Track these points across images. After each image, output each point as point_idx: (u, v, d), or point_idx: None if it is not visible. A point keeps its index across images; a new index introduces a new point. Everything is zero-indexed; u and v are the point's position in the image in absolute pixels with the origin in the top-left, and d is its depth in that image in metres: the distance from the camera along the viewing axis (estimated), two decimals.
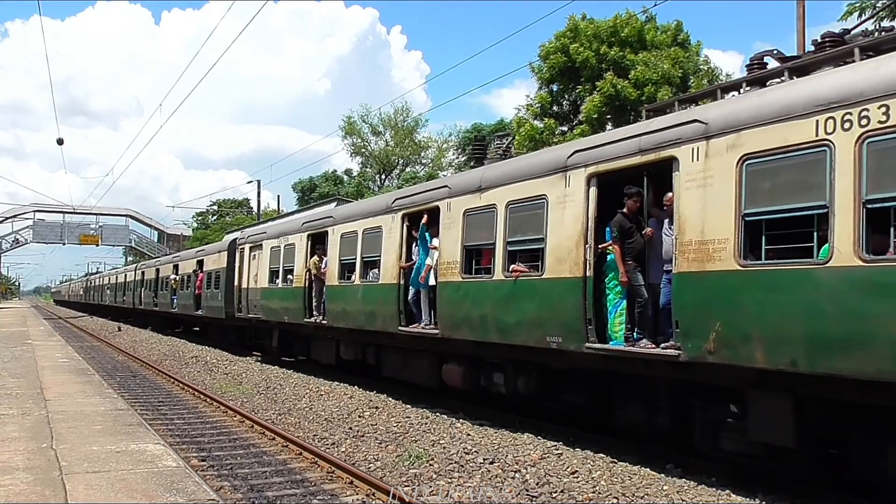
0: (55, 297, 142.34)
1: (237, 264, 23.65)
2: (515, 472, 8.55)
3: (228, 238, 29.24)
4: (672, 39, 28.03)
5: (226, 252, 25.61)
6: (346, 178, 63.86)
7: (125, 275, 50.29)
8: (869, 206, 6.25)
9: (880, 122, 6.21)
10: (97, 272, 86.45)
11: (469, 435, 10.54)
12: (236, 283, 23.45)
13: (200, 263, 29.56)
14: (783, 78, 7.91)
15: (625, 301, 9.01)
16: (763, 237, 7.15)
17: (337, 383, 16.12)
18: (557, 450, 9.57)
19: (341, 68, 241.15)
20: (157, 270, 38.68)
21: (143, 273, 43.00)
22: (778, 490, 7.62)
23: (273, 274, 20.15)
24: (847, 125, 6.42)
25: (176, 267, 34.03)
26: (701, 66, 27.92)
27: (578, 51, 27.04)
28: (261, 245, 21.43)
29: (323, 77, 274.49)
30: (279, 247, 19.85)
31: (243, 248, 23.34)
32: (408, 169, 60.09)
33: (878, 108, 6.23)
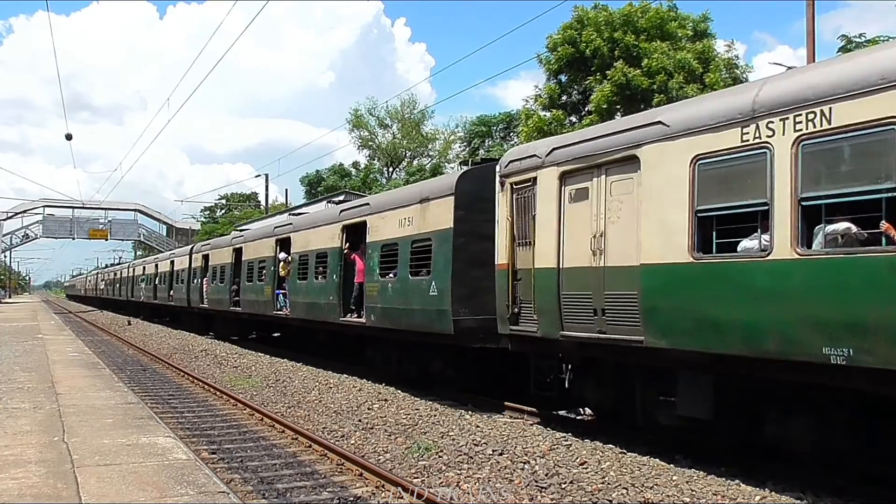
0: (68, 292, 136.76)
1: (504, 217, 11.10)
2: (524, 463, 8.56)
3: (451, 174, 17.16)
4: (693, 31, 27.66)
5: (451, 198, 12.79)
6: (353, 171, 63.93)
7: (171, 262, 36.65)
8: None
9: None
10: (119, 262, 76.33)
11: (478, 426, 10.56)
12: (501, 259, 11.17)
13: (351, 232, 16.79)
14: None
15: None
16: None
17: (345, 376, 16.17)
18: (566, 441, 9.58)
19: (345, 61, 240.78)
20: (237, 252, 25.38)
21: (205, 257, 29.68)
22: (788, 480, 7.60)
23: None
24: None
25: (283, 242, 20.98)
26: (717, 57, 27.53)
27: (590, 37, 26.81)
28: (632, 161, 8.78)
29: (327, 70, 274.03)
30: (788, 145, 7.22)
31: (535, 181, 10.44)
32: (415, 162, 60.11)
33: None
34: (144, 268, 44.96)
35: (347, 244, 16.69)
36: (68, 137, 37.73)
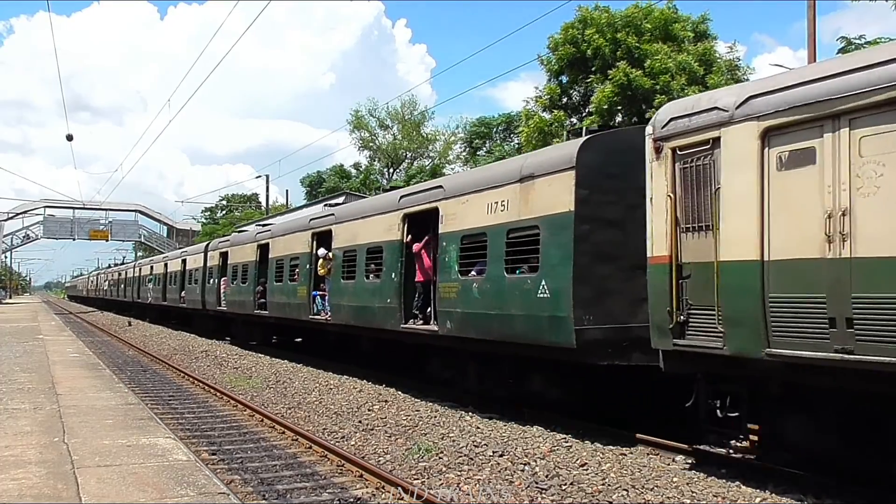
0: (69, 293, 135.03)
1: (663, 194, 8.50)
2: (525, 464, 8.56)
3: None
4: (693, 32, 27.67)
5: (571, 173, 10.12)
6: (354, 171, 64.02)
7: (182, 260, 33.49)
8: None
9: None
10: (123, 261, 73.50)
11: (478, 428, 10.55)
12: (658, 250, 8.56)
13: (414, 222, 13.99)
14: None
15: None
16: None
17: (346, 377, 16.16)
18: (567, 442, 9.58)
19: (346, 62, 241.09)
20: (263, 248, 22.34)
21: (223, 255, 26.59)
22: (788, 482, 7.60)
23: None
24: None
25: (322, 236, 18.06)
26: (719, 59, 27.47)
27: (592, 37, 26.80)
28: None
29: (328, 71, 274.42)
30: None
31: (717, 142, 7.97)
32: (416, 163, 60.18)
33: None
34: (152, 267, 41.79)
35: (409, 236, 13.89)
36: (69, 138, 37.75)
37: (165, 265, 37.92)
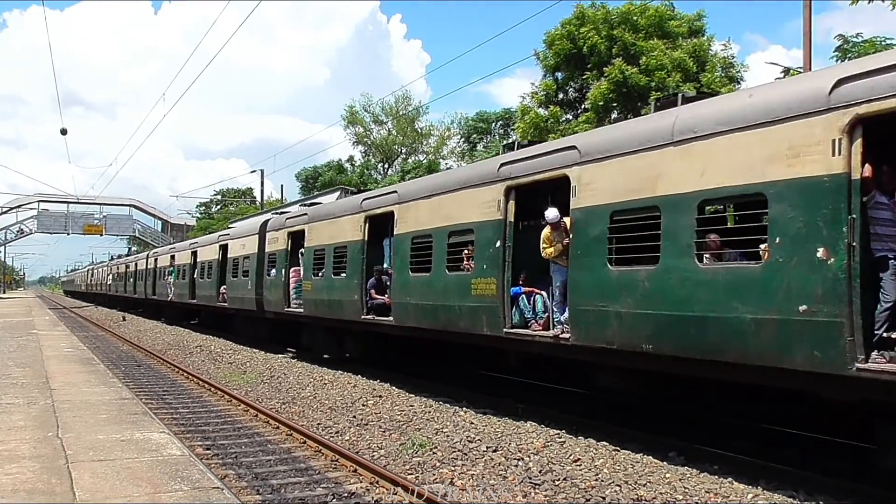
0: (65, 288, 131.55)
1: None
2: (518, 460, 8.58)
3: None
4: (688, 29, 27.70)
5: None
6: (349, 166, 63.95)
7: (220, 246, 26.00)
8: None
9: None
10: (129, 253, 67.58)
11: (472, 423, 10.58)
12: None
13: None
14: None
15: None
16: None
17: (340, 372, 16.16)
18: (560, 438, 9.60)
19: (340, 58, 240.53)
20: (374, 221, 15.17)
21: (292, 236, 19.39)
22: (780, 478, 7.64)
23: None
24: None
25: (523, 191, 10.69)
26: (713, 56, 27.47)
27: (587, 34, 26.82)
28: None
29: (322, 67, 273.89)
30: None
31: None
32: (411, 159, 60.15)
33: None
34: (174, 256, 33.47)
35: (866, 166, 6.38)
36: (63, 132, 37.75)
37: (194, 254, 29.90)
